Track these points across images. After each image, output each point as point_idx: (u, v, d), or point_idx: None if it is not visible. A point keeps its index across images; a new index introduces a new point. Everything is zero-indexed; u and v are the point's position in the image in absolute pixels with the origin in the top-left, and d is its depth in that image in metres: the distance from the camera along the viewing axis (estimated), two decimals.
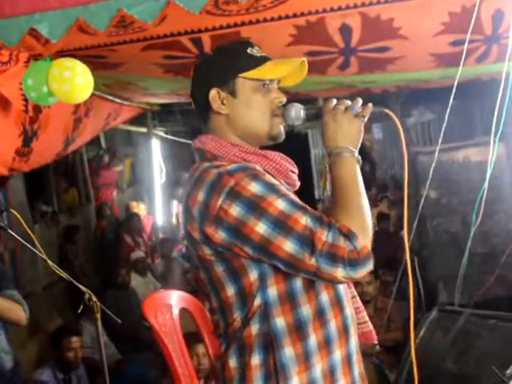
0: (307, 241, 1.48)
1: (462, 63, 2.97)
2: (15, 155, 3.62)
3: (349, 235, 1.48)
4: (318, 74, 4.01)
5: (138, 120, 7.69)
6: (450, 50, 3.48)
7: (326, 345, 1.61)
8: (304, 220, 1.50)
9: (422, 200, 3.56)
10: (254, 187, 1.54)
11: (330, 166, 1.65)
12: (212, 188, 1.57)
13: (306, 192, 1.96)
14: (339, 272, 1.47)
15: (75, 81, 2.93)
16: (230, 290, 1.62)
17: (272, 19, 2.70)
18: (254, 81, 1.70)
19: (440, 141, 3.16)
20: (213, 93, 1.71)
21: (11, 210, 3.02)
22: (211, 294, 1.69)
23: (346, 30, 3.10)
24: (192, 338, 3.50)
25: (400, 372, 3.36)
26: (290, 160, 1.76)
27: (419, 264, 4.35)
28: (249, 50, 1.72)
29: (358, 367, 1.70)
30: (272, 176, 1.65)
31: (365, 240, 1.50)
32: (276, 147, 1.78)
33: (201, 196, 1.58)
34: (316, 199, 9.49)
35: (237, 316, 1.63)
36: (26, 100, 3.18)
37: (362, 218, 1.54)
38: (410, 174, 1.73)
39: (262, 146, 1.77)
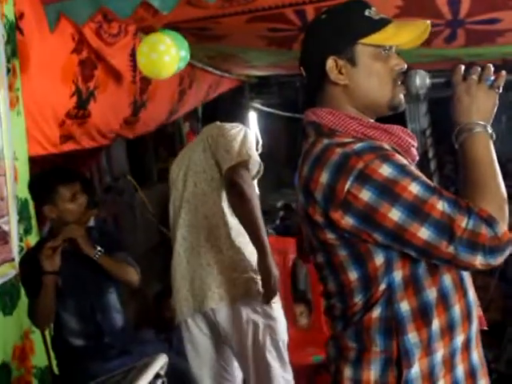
0: (445, 228, 1.37)
1: None
2: (123, 123, 3.76)
3: (490, 221, 1.37)
4: (422, 46, 3.91)
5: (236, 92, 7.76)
6: None
7: (448, 330, 1.51)
8: (441, 205, 1.38)
9: None
10: (386, 170, 1.40)
11: (461, 143, 1.52)
12: (338, 170, 1.44)
13: None
14: (478, 260, 1.37)
15: (162, 59, 3.00)
16: (353, 275, 1.52)
17: None
18: (374, 47, 1.56)
19: None
20: (330, 62, 1.56)
21: (128, 177, 3.09)
22: (329, 277, 1.60)
23: (454, 2, 3.01)
24: None
25: (500, 353, 3.30)
26: (410, 133, 1.63)
27: None
28: (366, 12, 1.57)
29: (477, 352, 1.59)
30: (399, 154, 1.52)
31: (505, 225, 1.39)
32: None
33: (324, 178, 1.46)
34: None
35: (358, 300, 1.53)
36: (134, 71, 3.29)
37: (501, 201, 1.42)
38: None
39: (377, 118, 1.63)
